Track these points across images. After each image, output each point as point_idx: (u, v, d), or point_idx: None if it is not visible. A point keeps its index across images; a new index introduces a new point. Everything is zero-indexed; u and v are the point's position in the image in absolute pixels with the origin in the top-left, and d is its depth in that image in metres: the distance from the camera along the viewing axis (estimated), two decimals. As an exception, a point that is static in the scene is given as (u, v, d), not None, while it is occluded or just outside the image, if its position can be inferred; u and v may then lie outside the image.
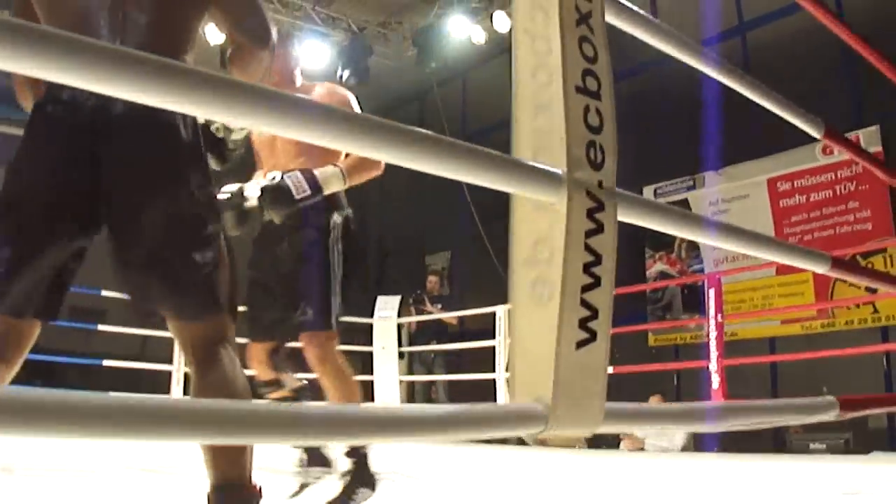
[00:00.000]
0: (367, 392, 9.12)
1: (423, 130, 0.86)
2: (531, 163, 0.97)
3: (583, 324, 0.94)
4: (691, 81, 5.44)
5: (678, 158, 9.22)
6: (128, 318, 6.58)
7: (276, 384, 3.46)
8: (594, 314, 0.95)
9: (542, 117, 1.01)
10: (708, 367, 6.34)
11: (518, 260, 0.99)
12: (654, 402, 6.85)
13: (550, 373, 0.92)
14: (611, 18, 1.14)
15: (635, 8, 1.25)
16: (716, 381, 6.27)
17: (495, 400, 7.62)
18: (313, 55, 10.31)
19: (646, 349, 9.41)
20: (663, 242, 9.66)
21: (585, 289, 0.95)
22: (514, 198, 1.01)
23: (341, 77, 10.33)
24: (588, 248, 0.95)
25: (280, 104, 0.77)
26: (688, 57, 1.42)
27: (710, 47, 1.43)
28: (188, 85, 0.69)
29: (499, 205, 1.09)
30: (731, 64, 1.58)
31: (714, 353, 6.32)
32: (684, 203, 9.37)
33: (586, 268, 0.95)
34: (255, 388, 3.39)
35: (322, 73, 10.29)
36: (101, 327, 7.76)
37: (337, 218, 3.36)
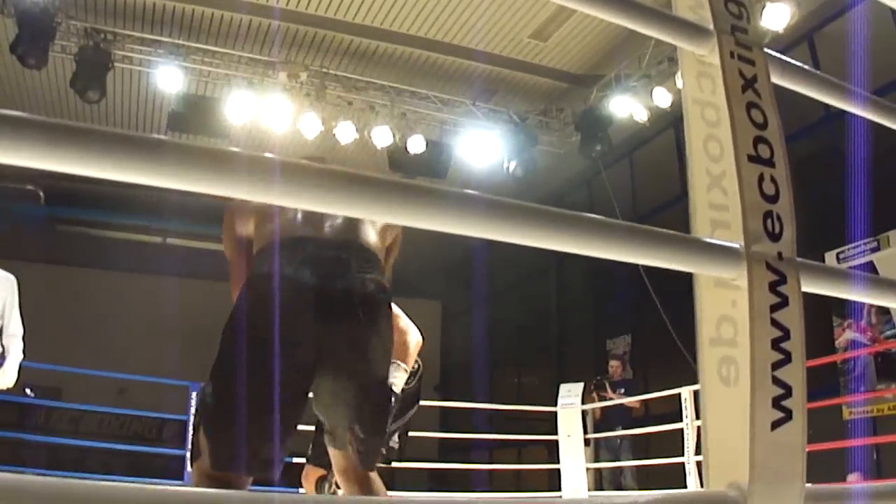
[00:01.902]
0: (555, 481, 8.99)
1: (596, 216, 0.86)
2: (707, 239, 0.95)
3: (776, 402, 0.90)
4: (867, 135, 5.20)
5: (860, 219, 8.76)
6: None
7: None
8: (788, 392, 0.90)
9: (716, 190, 0.99)
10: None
11: (704, 340, 0.96)
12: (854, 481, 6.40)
13: (745, 456, 0.88)
14: (776, 79, 1.10)
15: (799, 64, 1.21)
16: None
17: (685, 485, 7.33)
18: (478, 150, 10.52)
19: (839, 423, 8.85)
20: (852, 309, 9.14)
21: (776, 366, 0.90)
22: (695, 276, 0.98)
23: (508, 168, 10.47)
24: (774, 322, 0.91)
25: (448, 200, 0.78)
26: (859, 109, 1.35)
27: (886, 96, 1.35)
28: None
29: (679, 284, 1.07)
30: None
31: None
32: (869, 266, 8.85)
33: (775, 343, 0.91)
34: None
35: (488, 166, 10.48)
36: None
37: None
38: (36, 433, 10.54)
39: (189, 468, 3.16)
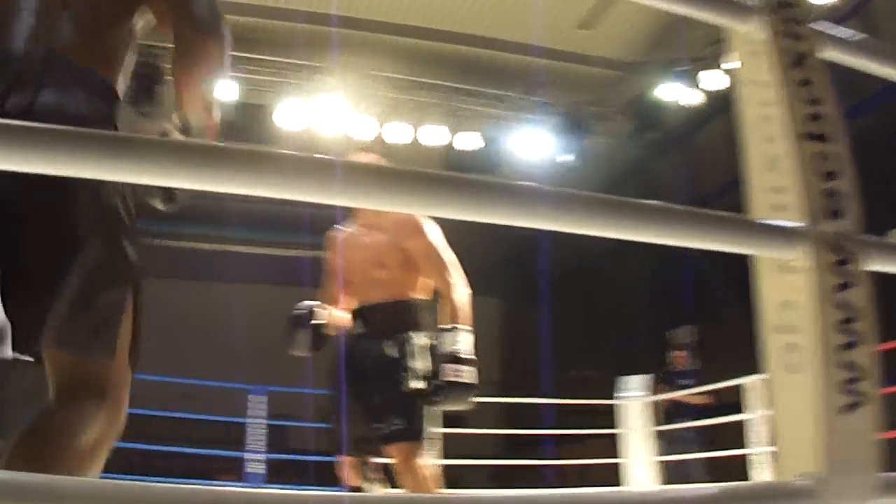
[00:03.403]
0: (621, 475, 8.90)
1: (655, 202, 0.84)
2: (767, 221, 0.92)
3: (845, 387, 0.87)
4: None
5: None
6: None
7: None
8: (857, 376, 0.87)
9: (773, 171, 0.96)
10: None
11: (768, 326, 0.94)
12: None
13: (815, 444, 0.85)
14: (828, 53, 1.07)
15: (851, 36, 1.16)
16: None
17: (755, 476, 7.21)
18: (531, 144, 10.49)
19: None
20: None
21: (843, 348, 0.87)
22: (756, 260, 0.96)
23: (562, 161, 10.42)
24: (840, 303, 0.88)
25: (506, 192, 0.77)
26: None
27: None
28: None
29: (742, 270, 1.04)
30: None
31: None
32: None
33: (841, 325, 0.88)
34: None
35: (541, 159, 10.44)
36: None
37: (417, 338, 3.35)
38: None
39: None
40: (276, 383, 8.80)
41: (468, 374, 3.05)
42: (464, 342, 3.11)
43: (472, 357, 3.10)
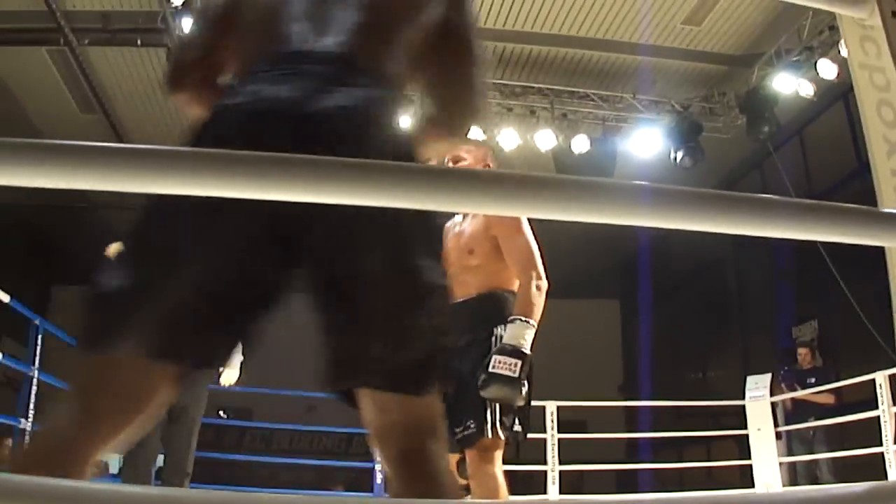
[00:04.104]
0: (747, 476, 8.71)
1: (776, 197, 0.85)
2: (891, 210, 0.91)
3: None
4: None
5: None
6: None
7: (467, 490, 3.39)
8: None
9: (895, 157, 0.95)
10: None
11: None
12: None
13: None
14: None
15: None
16: None
17: (886, 475, 6.94)
18: (644, 143, 10.37)
19: None
20: None
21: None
22: (888, 253, 0.95)
23: (675, 159, 10.25)
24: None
25: (620, 193, 0.79)
26: None
27: None
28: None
29: (864, 263, 1.02)
30: None
31: None
32: None
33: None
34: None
35: (655, 158, 10.30)
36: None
37: (500, 330, 3.23)
38: (230, 452, 11.10)
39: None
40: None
41: (511, 367, 2.95)
42: (518, 335, 3.04)
43: (525, 350, 3.01)
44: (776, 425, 8.81)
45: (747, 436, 8.78)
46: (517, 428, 3.18)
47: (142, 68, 9.72)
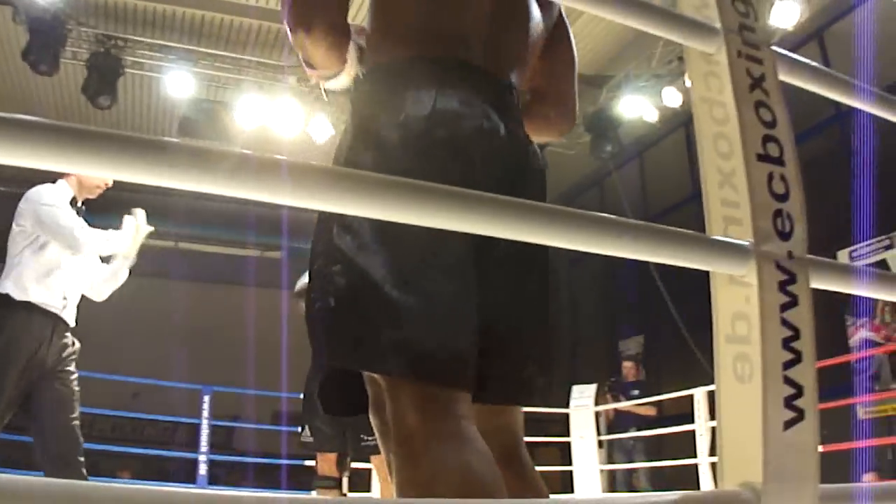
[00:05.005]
0: (567, 483, 8.97)
1: (608, 215, 0.87)
2: (717, 237, 0.95)
3: (788, 402, 0.90)
4: (878, 132, 5.17)
5: (872, 217, 8.71)
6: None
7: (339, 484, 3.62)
8: (799, 391, 0.90)
9: (727, 187, 0.99)
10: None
11: (720, 337, 0.96)
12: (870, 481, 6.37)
13: (759, 456, 0.87)
14: (784, 77, 1.10)
15: (808, 62, 1.20)
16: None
17: (699, 486, 7.31)
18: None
19: (854, 423, 8.80)
20: (865, 308, 9.09)
21: (787, 365, 0.90)
22: (713, 276, 0.99)
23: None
24: (785, 322, 0.91)
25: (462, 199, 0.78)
26: (872, 107, 1.34)
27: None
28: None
29: (691, 283, 1.06)
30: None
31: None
32: (882, 264, 8.81)
33: (785, 343, 0.91)
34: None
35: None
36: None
37: None
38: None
39: None
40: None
41: None
42: None
43: None
44: (598, 434, 9.13)
45: (570, 443, 9.04)
46: None
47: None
